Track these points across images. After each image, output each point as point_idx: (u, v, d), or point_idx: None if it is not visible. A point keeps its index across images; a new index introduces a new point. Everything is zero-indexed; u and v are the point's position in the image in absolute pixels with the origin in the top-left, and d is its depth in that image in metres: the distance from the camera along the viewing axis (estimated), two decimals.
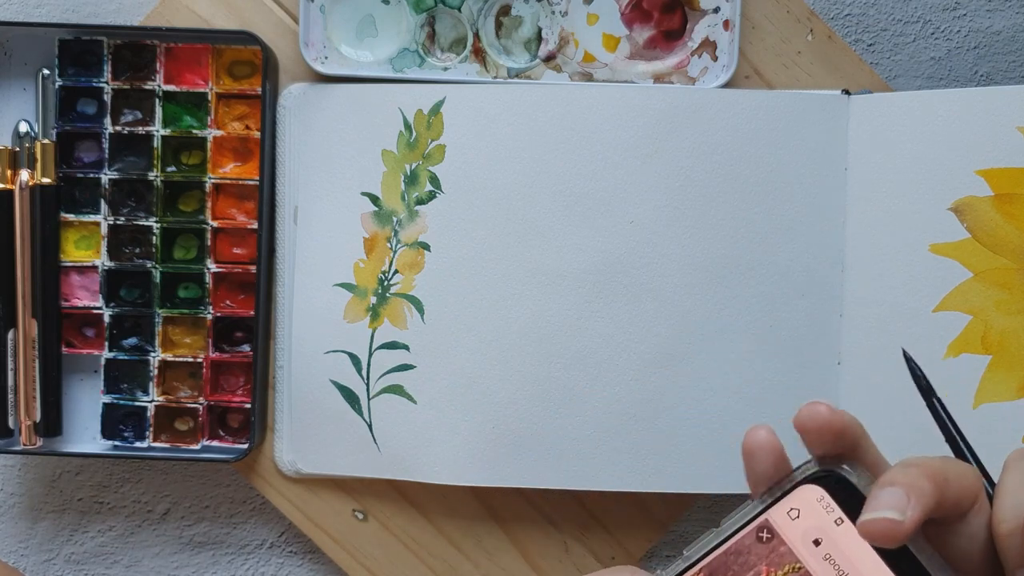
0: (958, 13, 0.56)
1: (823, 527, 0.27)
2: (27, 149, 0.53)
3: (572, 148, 0.51)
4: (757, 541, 0.28)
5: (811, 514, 0.27)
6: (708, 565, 0.28)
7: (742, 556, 0.28)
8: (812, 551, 0.27)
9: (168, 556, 0.58)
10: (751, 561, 0.28)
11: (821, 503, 0.28)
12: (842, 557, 0.27)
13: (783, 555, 0.27)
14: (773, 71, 0.54)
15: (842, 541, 0.27)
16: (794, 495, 0.28)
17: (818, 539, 0.27)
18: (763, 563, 0.27)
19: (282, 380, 0.54)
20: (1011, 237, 0.48)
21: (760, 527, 0.28)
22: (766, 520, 0.28)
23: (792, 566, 0.27)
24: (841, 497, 0.27)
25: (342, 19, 0.54)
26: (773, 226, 0.51)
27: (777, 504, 0.28)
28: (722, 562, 0.28)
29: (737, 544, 0.28)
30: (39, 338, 0.53)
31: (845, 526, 0.27)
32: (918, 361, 0.50)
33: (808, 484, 0.28)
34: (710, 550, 0.28)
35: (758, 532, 0.28)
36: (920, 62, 0.56)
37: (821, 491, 0.28)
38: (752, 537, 0.28)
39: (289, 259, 0.54)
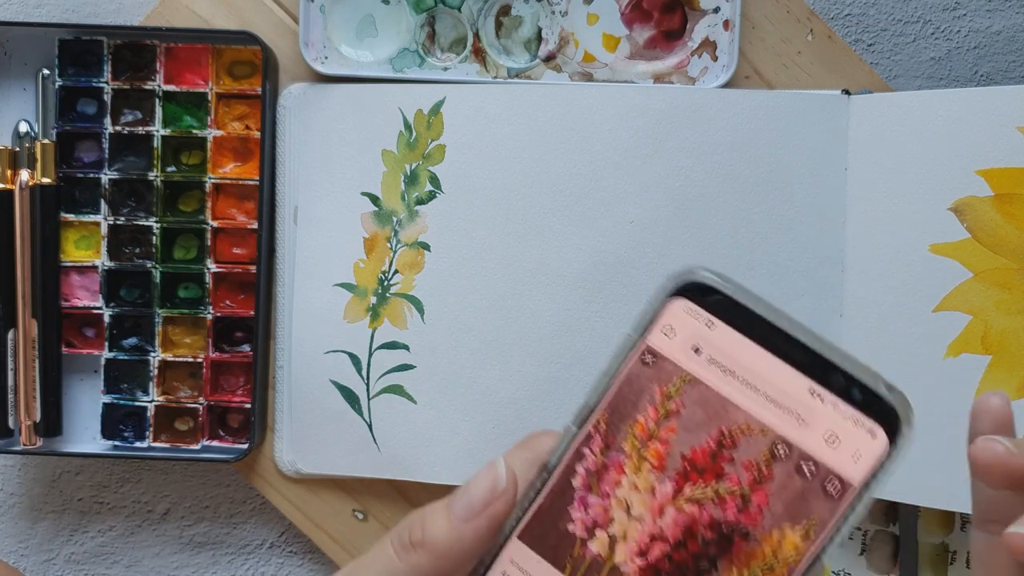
0: (958, 13, 0.56)
1: (698, 334, 0.29)
2: (27, 149, 0.53)
3: (572, 148, 0.51)
4: (644, 367, 0.29)
5: (684, 326, 0.29)
6: (608, 404, 0.29)
7: (634, 385, 0.29)
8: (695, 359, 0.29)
9: (168, 556, 0.58)
10: (643, 386, 0.29)
11: (690, 313, 0.29)
12: (723, 356, 0.28)
13: (670, 371, 0.29)
14: (773, 71, 0.54)
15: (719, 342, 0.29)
16: (663, 314, 0.29)
17: (696, 347, 0.29)
18: (654, 384, 0.29)
19: (282, 380, 0.54)
20: (1011, 237, 0.48)
21: (642, 354, 0.29)
22: (646, 345, 0.29)
23: (680, 378, 0.29)
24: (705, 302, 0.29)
25: (342, 19, 0.54)
26: (773, 226, 0.51)
27: (651, 328, 0.29)
28: (619, 397, 0.29)
29: (627, 376, 0.29)
30: (39, 338, 0.53)
31: (718, 327, 0.29)
32: (918, 361, 0.50)
33: (673, 299, 0.29)
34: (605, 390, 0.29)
35: (641, 359, 0.29)
36: (920, 62, 0.56)
37: (685, 302, 0.29)
38: (638, 365, 0.29)
39: (289, 259, 0.54)
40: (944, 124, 0.49)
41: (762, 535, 0.28)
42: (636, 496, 0.29)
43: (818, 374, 0.28)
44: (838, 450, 0.27)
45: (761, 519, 0.28)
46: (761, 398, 0.28)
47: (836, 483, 0.28)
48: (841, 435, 0.28)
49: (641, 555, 0.29)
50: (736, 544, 0.28)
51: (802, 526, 0.28)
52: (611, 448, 0.29)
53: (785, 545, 0.28)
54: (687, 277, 0.29)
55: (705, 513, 0.28)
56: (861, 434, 0.27)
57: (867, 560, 0.55)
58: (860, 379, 0.28)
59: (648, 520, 0.29)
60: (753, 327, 0.29)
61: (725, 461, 0.28)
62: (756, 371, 0.28)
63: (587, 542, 0.29)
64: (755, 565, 0.28)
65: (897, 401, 0.27)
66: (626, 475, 0.29)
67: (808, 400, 0.28)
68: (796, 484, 0.28)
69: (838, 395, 0.28)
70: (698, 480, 0.28)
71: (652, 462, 0.29)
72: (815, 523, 0.28)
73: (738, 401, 0.28)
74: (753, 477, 0.28)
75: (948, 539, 0.54)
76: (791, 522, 0.28)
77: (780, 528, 0.28)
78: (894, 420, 0.27)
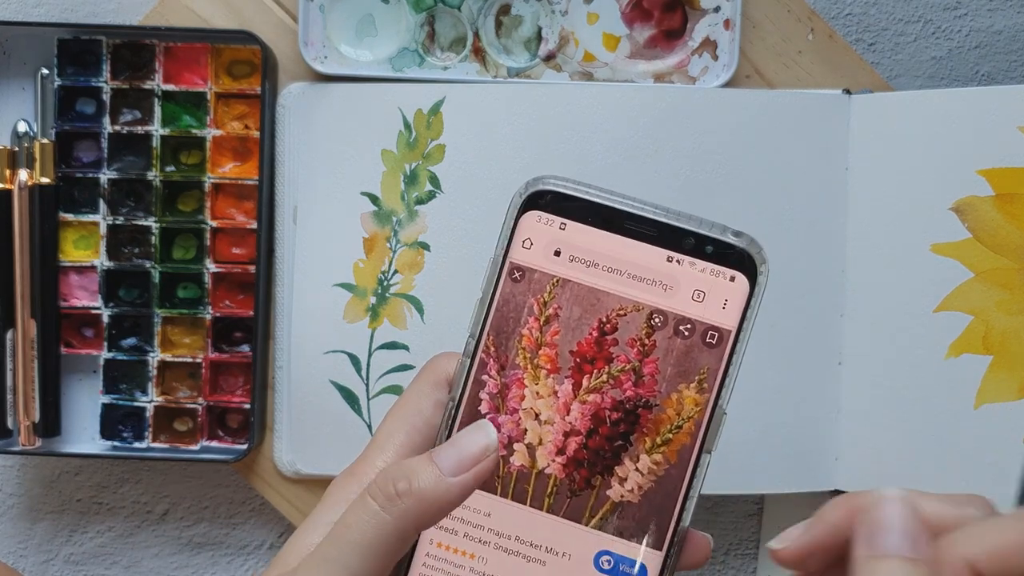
0: (959, 12, 0.56)
1: (553, 238, 0.31)
2: (26, 149, 0.53)
3: (572, 148, 0.51)
4: (514, 283, 0.31)
5: (539, 235, 0.31)
6: (492, 328, 0.31)
7: (511, 302, 0.31)
8: (558, 262, 0.31)
9: (167, 557, 0.58)
10: (519, 301, 0.31)
11: (541, 222, 0.31)
12: (582, 251, 0.31)
13: (539, 280, 0.31)
14: (774, 71, 0.54)
15: (574, 240, 0.31)
16: (518, 230, 0.31)
17: (556, 250, 0.31)
18: (528, 296, 0.31)
19: (281, 380, 0.54)
20: (1012, 237, 0.48)
21: (510, 271, 0.31)
22: (510, 263, 0.31)
23: (551, 283, 0.31)
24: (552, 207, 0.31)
25: (342, 18, 0.53)
26: (773, 226, 0.51)
27: (510, 246, 0.31)
28: (499, 317, 0.31)
29: (502, 296, 0.31)
30: (38, 338, 0.53)
31: (569, 226, 0.31)
32: (919, 361, 0.50)
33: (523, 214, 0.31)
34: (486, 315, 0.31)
35: (511, 276, 0.31)
36: (921, 61, 0.56)
37: (534, 212, 0.31)
38: (509, 283, 0.31)
39: (288, 259, 0.54)
40: (945, 124, 0.49)
41: (663, 400, 0.30)
42: (541, 403, 0.31)
43: (670, 242, 0.30)
44: (707, 304, 0.30)
45: (657, 387, 0.30)
46: (626, 279, 0.30)
47: (713, 333, 0.30)
48: (706, 290, 0.30)
49: (560, 453, 0.31)
50: (642, 416, 0.31)
51: (695, 381, 0.30)
52: (506, 367, 0.31)
53: (685, 402, 0.30)
54: (529, 189, 0.31)
55: (606, 397, 0.31)
56: (723, 283, 0.30)
57: None
58: (708, 235, 0.30)
59: (558, 420, 0.31)
60: (600, 217, 0.31)
61: (610, 345, 0.31)
62: (615, 256, 0.30)
63: (509, 458, 0.31)
64: (663, 429, 0.31)
65: (747, 244, 0.30)
66: (527, 387, 0.31)
67: (668, 268, 0.30)
68: (679, 346, 0.30)
69: (693, 256, 0.30)
70: (591, 370, 0.31)
71: (546, 368, 0.31)
72: (705, 374, 0.30)
73: (607, 288, 0.30)
74: (639, 351, 0.30)
75: None
76: (684, 380, 0.30)
77: (676, 389, 0.30)
78: (748, 262, 0.30)
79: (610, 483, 0.31)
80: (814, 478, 0.51)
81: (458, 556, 0.31)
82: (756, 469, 0.51)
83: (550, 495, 0.31)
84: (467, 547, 0.31)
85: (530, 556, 0.31)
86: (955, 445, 0.49)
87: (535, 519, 0.31)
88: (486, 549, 0.31)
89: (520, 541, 0.31)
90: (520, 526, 0.31)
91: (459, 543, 0.31)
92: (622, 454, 0.31)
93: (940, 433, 0.49)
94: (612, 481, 0.31)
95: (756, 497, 0.56)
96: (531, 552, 0.31)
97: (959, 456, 0.49)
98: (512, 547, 0.31)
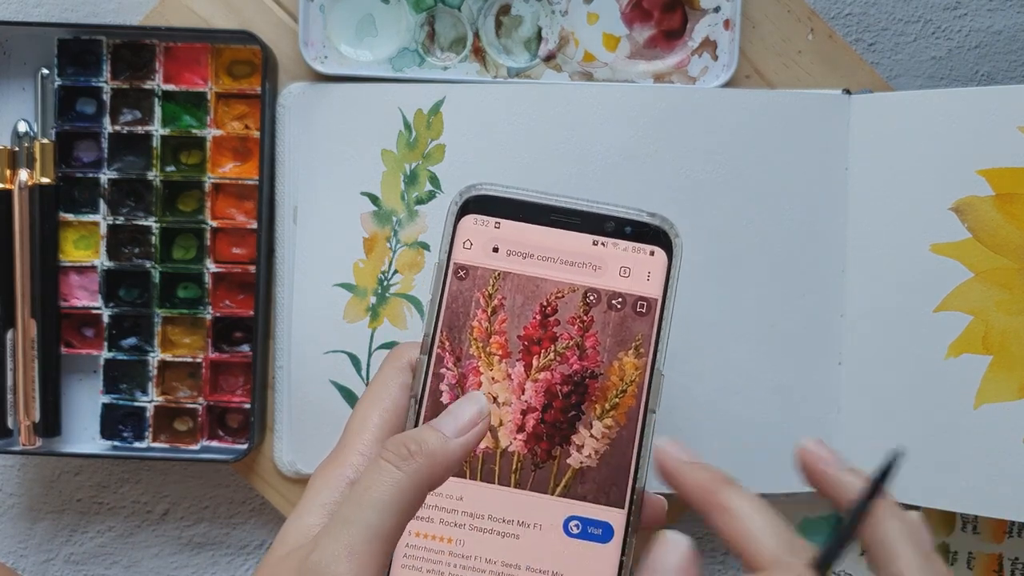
0: (959, 12, 0.56)
1: (490, 237, 0.34)
2: (26, 149, 0.53)
3: (572, 148, 0.51)
4: (460, 281, 0.34)
5: (477, 235, 0.34)
6: (444, 324, 0.34)
7: (459, 298, 0.34)
8: (497, 257, 0.34)
9: (167, 556, 0.58)
10: (466, 296, 0.34)
11: (477, 223, 0.34)
12: (517, 245, 0.34)
13: (482, 275, 0.34)
14: (774, 70, 0.54)
15: (509, 236, 0.34)
16: (458, 232, 0.34)
17: (494, 247, 0.34)
18: (474, 291, 0.34)
19: (281, 380, 0.54)
20: (1012, 237, 0.48)
21: (455, 271, 0.34)
22: (454, 264, 0.34)
23: (492, 278, 0.34)
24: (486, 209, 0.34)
25: (342, 18, 0.53)
26: (773, 226, 0.51)
27: (452, 248, 0.34)
28: (450, 314, 0.34)
29: (450, 294, 0.34)
30: (38, 338, 0.53)
31: (503, 224, 0.34)
32: (919, 361, 0.50)
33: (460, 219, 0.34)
34: (438, 314, 0.34)
35: (455, 275, 0.34)
36: (921, 61, 0.56)
37: (471, 216, 0.34)
38: (455, 282, 0.34)
39: (289, 259, 0.54)
40: (945, 124, 0.49)
41: (606, 369, 0.34)
42: (497, 387, 0.34)
43: (594, 227, 0.34)
44: (633, 278, 0.34)
45: (599, 357, 0.34)
46: (559, 265, 0.34)
47: (642, 303, 0.34)
48: (630, 266, 0.34)
49: (520, 430, 0.34)
50: (590, 386, 0.34)
51: (632, 347, 0.34)
52: (461, 358, 0.34)
53: (626, 367, 0.34)
54: (464, 196, 0.34)
55: (556, 373, 0.34)
56: (644, 258, 0.34)
57: (868, 560, 0.55)
58: (626, 217, 0.34)
59: (514, 401, 0.34)
60: (529, 213, 0.34)
61: (553, 326, 0.34)
62: (546, 246, 0.34)
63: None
64: (610, 395, 0.34)
65: (660, 221, 0.34)
66: (483, 374, 0.34)
67: (595, 251, 0.34)
68: (613, 318, 0.34)
69: (615, 237, 0.34)
70: (539, 351, 0.34)
71: (498, 354, 0.34)
72: (640, 340, 0.34)
73: (544, 275, 0.34)
74: (579, 327, 0.34)
75: (949, 539, 0.54)
76: (623, 348, 0.34)
77: (617, 357, 0.34)
78: (664, 237, 0.34)
79: (569, 452, 0.33)
80: None
81: (436, 542, 0.33)
82: (756, 469, 0.51)
83: (516, 471, 0.33)
84: (444, 532, 0.33)
85: (504, 532, 0.33)
86: (955, 445, 0.49)
87: (505, 496, 0.33)
88: (462, 531, 0.33)
89: (493, 519, 0.33)
90: (491, 505, 0.33)
91: (436, 529, 0.33)
92: (576, 423, 0.34)
93: (940, 433, 0.49)
94: (571, 450, 0.33)
95: None
96: (504, 528, 0.33)
97: (959, 456, 0.49)
98: (486, 526, 0.33)
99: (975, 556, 0.54)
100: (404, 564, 0.33)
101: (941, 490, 0.49)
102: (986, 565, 0.54)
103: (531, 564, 0.33)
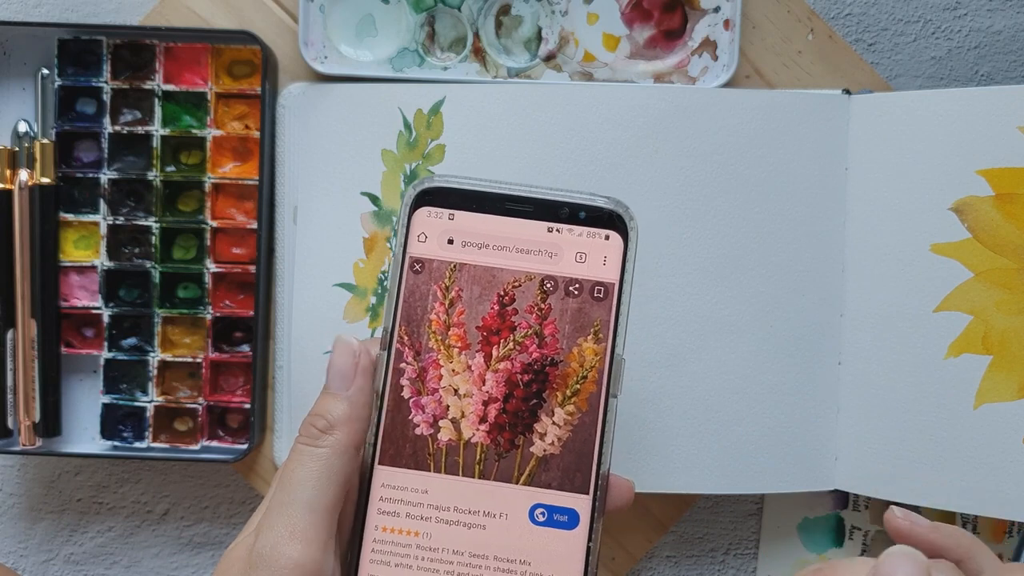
0: (959, 13, 0.56)
1: (445, 229, 0.34)
2: (26, 149, 0.53)
3: (572, 148, 0.51)
4: (416, 274, 0.34)
5: (432, 228, 0.34)
6: (402, 318, 0.34)
7: (416, 292, 0.34)
8: (452, 249, 0.34)
9: (167, 556, 0.58)
10: (424, 290, 0.34)
11: (431, 216, 0.34)
12: (472, 236, 0.34)
13: (438, 267, 0.34)
14: (773, 71, 0.54)
15: (463, 227, 0.34)
16: (412, 226, 0.34)
17: (449, 239, 0.34)
18: (431, 284, 0.34)
19: (282, 380, 0.54)
20: (1012, 237, 0.48)
21: (410, 264, 0.34)
22: (410, 257, 0.34)
23: (448, 270, 0.34)
24: (438, 201, 0.34)
25: (342, 18, 0.53)
26: (773, 226, 0.51)
27: (407, 241, 0.34)
28: (408, 308, 0.34)
29: (407, 288, 0.34)
30: (38, 338, 0.53)
31: (457, 216, 0.34)
32: (919, 361, 0.50)
33: (414, 212, 0.34)
34: (396, 308, 0.34)
35: (411, 269, 0.34)
36: (921, 62, 0.56)
37: (424, 208, 0.34)
38: (411, 276, 0.34)
39: (288, 259, 0.54)
40: (945, 124, 0.49)
41: (566, 356, 0.33)
42: (458, 379, 0.34)
43: (548, 214, 0.34)
44: (589, 264, 0.34)
45: (558, 344, 0.34)
46: (515, 254, 0.34)
47: (600, 288, 0.34)
48: (586, 251, 0.34)
49: (482, 421, 0.33)
50: (550, 373, 0.33)
51: (591, 333, 0.33)
52: (421, 352, 0.34)
53: (586, 354, 0.33)
54: (416, 189, 0.34)
55: (516, 363, 0.34)
56: (600, 243, 0.34)
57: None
58: (580, 203, 0.34)
59: (475, 392, 0.34)
60: (483, 203, 0.34)
61: (511, 315, 0.34)
62: (501, 235, 0.34)
63: (436, 435, 0.33)
64: (571, 382, 0.33)
65: (615, 204, 0.34)
66: (443, 366, 0.34)
67: (550, 238, 0.34)
68: (571, 304, 0.34)
69: (570, 223, 0.34)
70: (498, 341, 0.34)
71: (457, 346, 0.34)
72: (599, 325, 0.34)
73: (500, 265, 0.34)
74: (537, 316, 0.34)
75: None
76: (582, 334, 0.33)
77: (576, 343, 0.34)
78: (619, 220, 0.34)
79: (532, 440, 0.33)
80: (814, 478, 0.51)
81: (403, 536, 0.33)
82: (756, 469, 0.51)
83: (479, 462, 0.33)
84: (410, 526, 0.33)
85: (470, 523, 0.33)
86: (955, 445, 0.49)
87: (469, 487, 0.33)
88: (428, 524, 0.33)
89: (458, 511, 0.33)
90: (456, 496, 0.33)
91: (402, 523, 0.33)
92: (538, 411, 0.34)
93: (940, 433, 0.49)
94: (533, 438, 0.33)
95: (756, 497, 0.56)
96: (470, 519, 0.33)
97: (959, 456, 0.49)
98: (452, 518, 0.33)
99: None
100: (372, 559, 0.33)
101: (941, 490, 0.49)
102: None
103: (498, 554, 0.33)
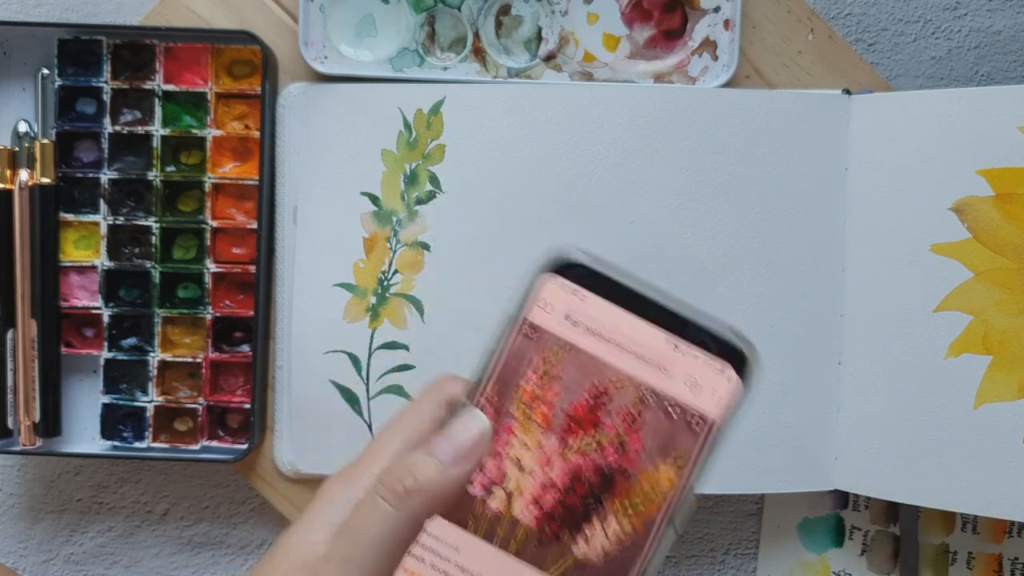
0: (959, 13, 0.56)
1: (570, 306, 0.32)
2: (26, 149, 0.53)
3: (572, 148, 0.51)
4: (526, 339, 0.32)
5: (558, 300, 0.32)
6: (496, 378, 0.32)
7: (518, 356, 0.32)
8: (570, 328, 0.32)
9: (168, 556, 0.58)
10: (526, 356, 0.32)
11: (562, 288, 0.32)
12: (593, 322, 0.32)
13: (549, 340, 0.32)
14: (773, 71, 0.54)
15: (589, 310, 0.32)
16: (540, 292, 0.32)
17: (570, 317, 0.32)
18: (536, 354, 0.32)
19: (281, 380, 0.54)
20: (1012, 237, 0.48)
21: (524, 329, 0.32)
22: (528, 322, 0.32)
23: (559, 346, 0.32)
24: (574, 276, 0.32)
25: (342, 19, 0.53)
26: (773, 226, 0.51)
27: (530, 305, 0.32)
28: (506, 368, 0.32)
29: (511, 349, 0.32)
30: (38, 338, 0.53)
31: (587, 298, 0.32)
32: (919, 361, 0.50)
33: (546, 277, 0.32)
34: (493, 364, 0.33)
35: (524, 333, 0.32)
36: (921, 62, 0.56)
37: (558, 278, 0.32)
38: (521, 339, 0.32)
39: (288, 259, 0.54)
40: (944, 124, 0.49)
41: (639, 472, 0.32)
42: (526, 453, 0.32)
43: (675, 328, 0.32)
44: (698, 392, 0.32)
45: (637, 459, 0.32)
46: (628, 355, 0.32)
47: (699, 420, 0.32)
48: (699, 379, 0.32)
49: (536, 504, 0.32)
50: (617, 482, 0.32)
51: (672, 460, 0.32)
52: (501, 414, 0.32)
53: (661, 478, 0.32)
54: (557, 256, 0.32)
55: (588, 460, 0.32)
56: (716, 376, 0.32)
57: (868, 560, 0.55)
58: (710, 329, 0.32)
59: (539, 472, 0.32)
60: (617, 294, 0.32)
61: (602, 412, 0.32)
62: (622, 332, 0.32)
63: (487, 500, 0.32)
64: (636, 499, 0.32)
65: (744, 345, 0.32)
66: (516, 435, 0.32)
67: (669, 352, 0.32)
68: (664, 425, 0.32)
69: (694, 345, 0.32)
70: (579, 432, 0.32)
71: (538, 422, 0.32)
72: (683, 456, 0.32)
73: (609, 360, 0.32)
74: (627, 423, 0.32)
75: (949, 539, 0.54)
76: (663, 457, 0.32)
77: (654, 463, 0.32)
78: (743, 361, 0.32)
79: (576, 540, 0.32)
80: (814, 478, 0.51)
81: None
82: (756, 469, 0.51)
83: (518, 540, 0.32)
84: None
85: None
86: (955, 445, 0.49)
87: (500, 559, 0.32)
88: None
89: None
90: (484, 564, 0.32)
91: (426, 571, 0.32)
92: (592, 515, 0.32)
93: (940, 433, 0.49)
94: (579, 539, 0.32)
95: (756, 497, 0.56)
96: None
97: (958, 456, 0.49)
98: None
99: (975, 556, 0.54)
100: None
101: (941, 490, 0.49)
102: (986, 565, 0.54)
103: None
